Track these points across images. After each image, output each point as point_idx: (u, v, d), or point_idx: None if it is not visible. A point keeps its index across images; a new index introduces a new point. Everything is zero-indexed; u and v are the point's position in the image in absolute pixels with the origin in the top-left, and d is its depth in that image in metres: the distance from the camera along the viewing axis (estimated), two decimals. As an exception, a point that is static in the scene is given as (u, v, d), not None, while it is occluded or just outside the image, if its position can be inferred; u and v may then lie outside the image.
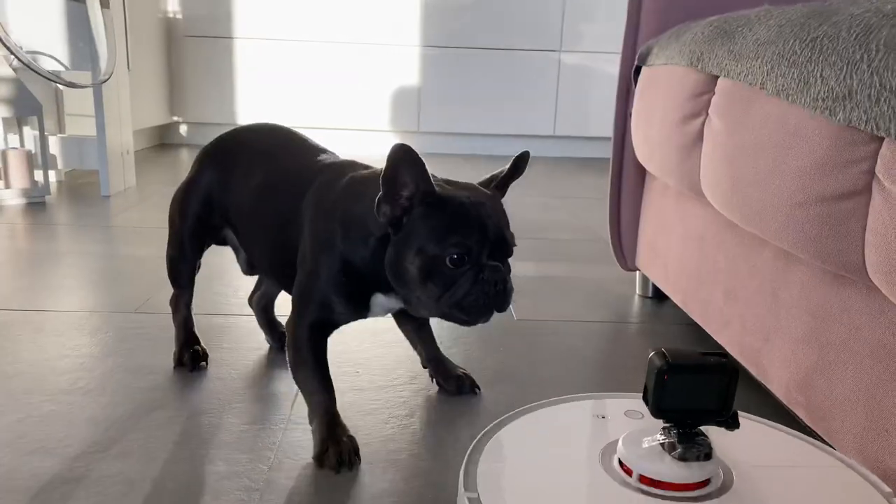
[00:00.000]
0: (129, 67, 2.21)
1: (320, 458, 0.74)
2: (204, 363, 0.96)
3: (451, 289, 0.71)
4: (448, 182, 0.75)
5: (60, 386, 0.89)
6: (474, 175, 0.84)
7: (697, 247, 0.99)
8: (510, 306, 0.79)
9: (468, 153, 3.25)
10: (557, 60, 3.18)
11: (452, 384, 0.91)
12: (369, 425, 0.83)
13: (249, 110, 3.11)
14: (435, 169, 0.73)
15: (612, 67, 3.23)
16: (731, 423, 0.56)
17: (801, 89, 0.65)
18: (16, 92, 1.85)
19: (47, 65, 1.84)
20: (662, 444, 0.56)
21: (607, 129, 3.20)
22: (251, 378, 0.94)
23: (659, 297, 1.32)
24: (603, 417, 0.68)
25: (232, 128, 0.98)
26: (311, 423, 0.77)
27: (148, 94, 2.80)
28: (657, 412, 0.56)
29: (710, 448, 0.56)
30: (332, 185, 0.80)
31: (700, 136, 0.89)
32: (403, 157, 0.69)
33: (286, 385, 0.92)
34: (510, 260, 0.77)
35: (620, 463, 0.57)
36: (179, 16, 3.06)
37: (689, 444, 0.56)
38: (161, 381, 0.92)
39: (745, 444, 0.60)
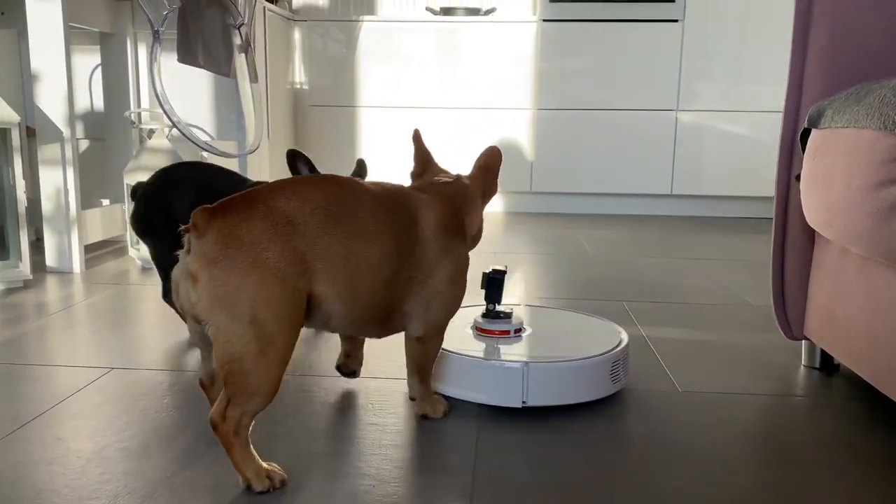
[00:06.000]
0: (268, 136, 2.33)
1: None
2: None
3: None
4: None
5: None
6: (586, 234, 0.83)
7: (894, 319, 0.93)
8: (672, 377, 1.19)
9: (582, 212, 3.23)
10: (674, 119, 3.15)
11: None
12: None
13: (369, 173, 3.22)
14: (548, 229, 0.92)
15: (730, 126, 3.18)
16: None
17: None
18: (171, 161, 1.98)
19: (200, 135, 1.97)
20: (486, 316, 1.17)
21: (725, 187, 3.17)
22: (420, 446, 0.94)
23: (828, 368, 1.25)
24: (476, 315, 1.20)
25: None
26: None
27: (277, 160, 2.94)
28: (486, 300, 1.18)
29: (510, 316, 1.16)
30: None
31: (900, 202, 0.84)
32: (295, 157, 1.18)
33: (459, 454, 0.91)
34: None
35: (476, 326, 1.17)
36: (306, 86, 3.23)
37: (497, 315, 1.16)
38: (341, 446, 0.93)
39: (542, 315, 1.29)
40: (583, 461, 0.90)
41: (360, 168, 1.30)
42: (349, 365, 1.11)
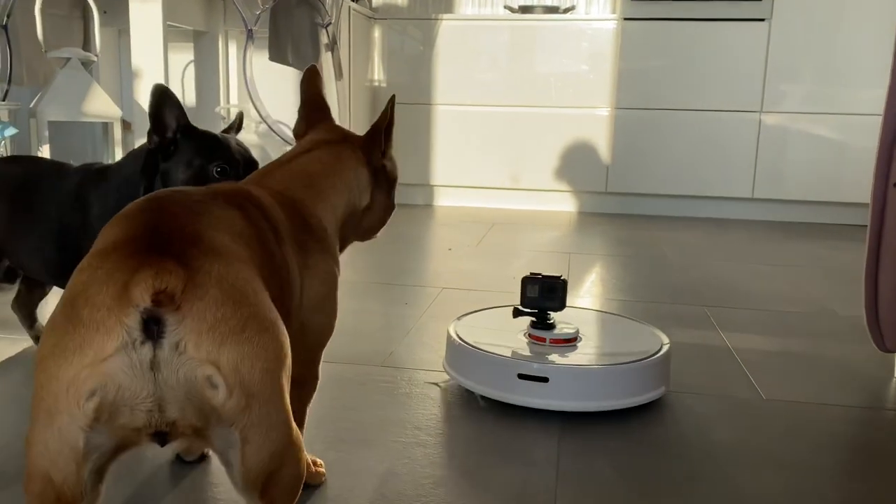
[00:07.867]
0: (349, 133, 2.39)
1: None
2: None
3: None
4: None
5: (339, 434, 0.95)
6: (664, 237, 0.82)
7: None
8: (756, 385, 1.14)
9: (659, 214, 3.18)
10: (757, 121, 3.06)
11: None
12: None
13: (444, 171, 3.26)
14: (624, 230, 0.88)
15: (817, 128, 3.07)
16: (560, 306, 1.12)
17: None
18: (259, 156, 2.06)
19: (287, 132, 2.04)
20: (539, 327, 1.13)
21: (809, 192, 3.07)
22: (504, 441, 0.95)
23: (922, 383, 1.20)
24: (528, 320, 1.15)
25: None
26: None
27: (355, 156, 3.01)
28: (532, 307, 1.12)
29: (554, 324, 1.12)
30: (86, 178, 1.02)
31: None
32: (165, 98, 0.92)
33: (542, 451, 0.92)
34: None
35: (528, 334, 1.13)
36: (384, 84, 3.29)
37: (550, 325, 1.12)
38: (424, 437, 0.96)
39: (590, 320, 1.28)
40: (666, 465, 0.90)
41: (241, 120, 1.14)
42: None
